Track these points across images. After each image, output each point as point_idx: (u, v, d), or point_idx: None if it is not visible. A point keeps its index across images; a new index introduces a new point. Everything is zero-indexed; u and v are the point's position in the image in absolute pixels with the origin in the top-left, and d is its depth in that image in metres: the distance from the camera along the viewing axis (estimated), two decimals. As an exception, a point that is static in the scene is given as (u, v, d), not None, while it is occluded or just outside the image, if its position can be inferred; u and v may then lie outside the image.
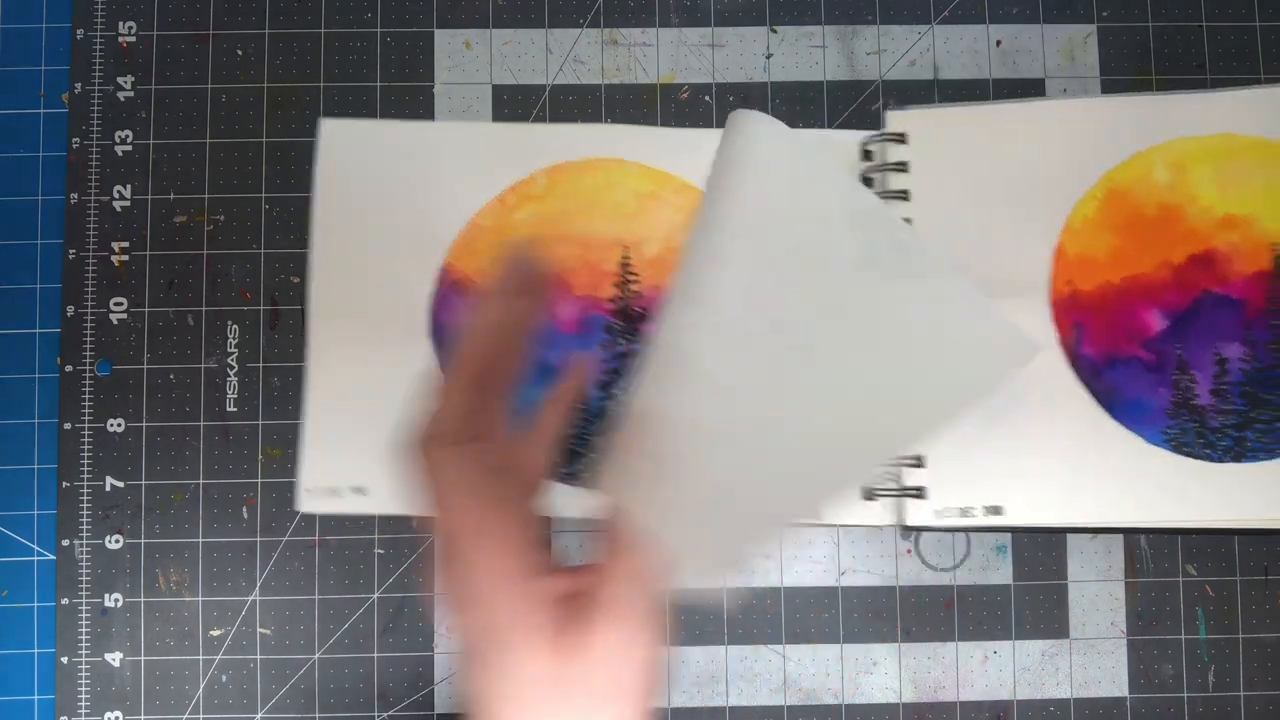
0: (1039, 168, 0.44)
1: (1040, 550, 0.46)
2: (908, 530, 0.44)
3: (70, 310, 0.46)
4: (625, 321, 0.46)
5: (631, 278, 0.46)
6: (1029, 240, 0.44)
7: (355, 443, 0.45)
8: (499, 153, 0.46)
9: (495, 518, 0.29)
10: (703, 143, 0.46)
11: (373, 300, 0.45)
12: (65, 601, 0.45)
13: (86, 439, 0.46)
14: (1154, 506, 0.42)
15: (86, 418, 0.46)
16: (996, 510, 0.42)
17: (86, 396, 0.46)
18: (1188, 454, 0.42)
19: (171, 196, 0.46)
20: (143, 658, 0.45)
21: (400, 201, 0.46)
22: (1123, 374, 0.43)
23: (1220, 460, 0.42)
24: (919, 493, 0.42)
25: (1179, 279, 0.43)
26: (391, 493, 0.44)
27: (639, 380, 0.31)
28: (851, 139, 0.46)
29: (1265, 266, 0.43)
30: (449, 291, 0.45)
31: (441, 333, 0.45)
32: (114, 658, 0.45)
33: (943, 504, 0.42)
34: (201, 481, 0.46)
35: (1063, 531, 0.45)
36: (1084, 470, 0.42)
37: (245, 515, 0.46)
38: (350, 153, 0.46)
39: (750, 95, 0.48)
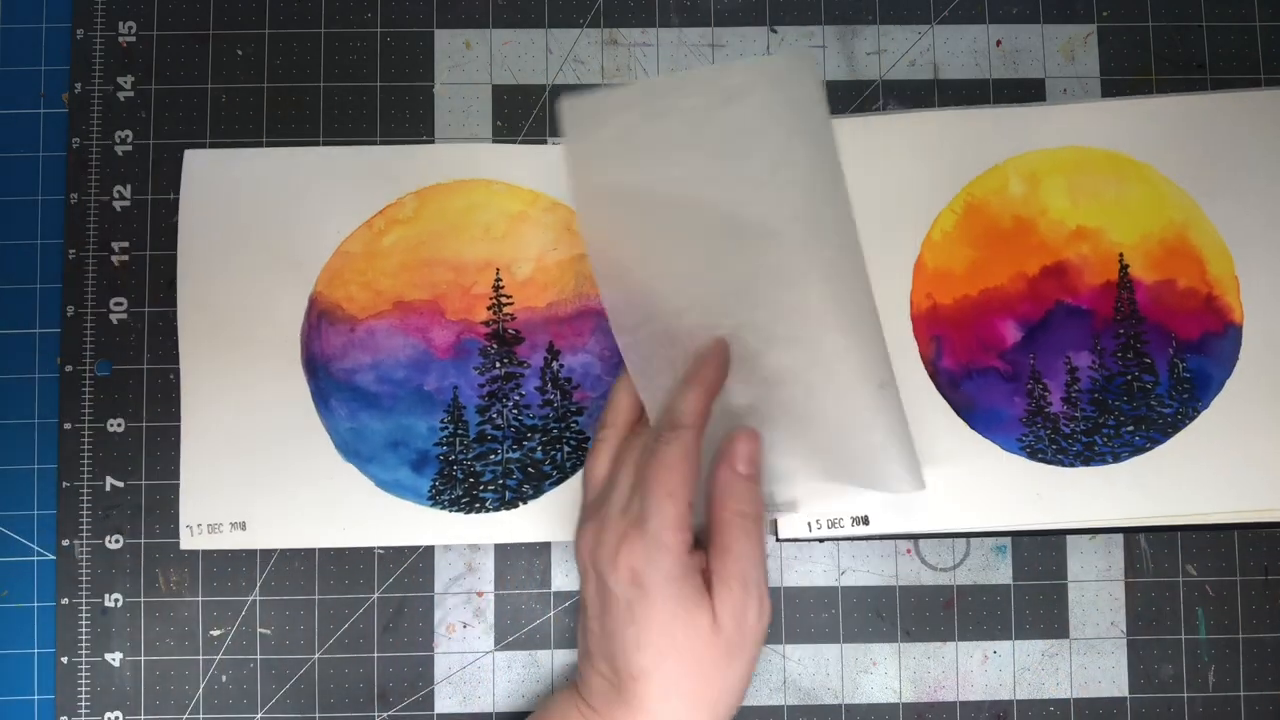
0: (902, 180, 0.45)
1: (1040, 550, 0.46)
2: (779, 541, 0.45)
3: (70, 310, 0.46)
4: (499, 345, 0.45)
5: (505, 300, 0.45)
6: (891, 254, 0.45)
7: (234, 477, 0.44)
8: (366, 176, 0.46)
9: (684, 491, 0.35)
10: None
11: (243, 333, 0.45)
12: (65, 601, 0.45)
13: (86, 439, 0.46)
14: (1013, 512, 0.44)
15: (87, 418, 0.46)
16: (864, 520, 0.44)
17: (87, 397, 0.46)
18: (1041, 460, 0.44)
19: (171, 196, 0.46)
20: (143, 658, 0.45)
21: (267, 230, 0.45)
22: (979, 385, 0.44)
23: (1071, 465, 0.44)
24: (790, 505, 0.43)
25: (1033, 291, 0.45)
26: (271, 527, 0.44)
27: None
28: None
29: (1112, 277, 0.45)
30: (318, 321, 0.45)
31: (314, 362, 0.45)
32: (114, 658, 0.45)
33: (813, 515, 0.44)
34: (201, 481, 0.46)
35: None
36: (946, 478, 0.44)
37: (245, 515, 0.46)
38: (216, 182, 0.45)
39: (750, 95, 0.48)
